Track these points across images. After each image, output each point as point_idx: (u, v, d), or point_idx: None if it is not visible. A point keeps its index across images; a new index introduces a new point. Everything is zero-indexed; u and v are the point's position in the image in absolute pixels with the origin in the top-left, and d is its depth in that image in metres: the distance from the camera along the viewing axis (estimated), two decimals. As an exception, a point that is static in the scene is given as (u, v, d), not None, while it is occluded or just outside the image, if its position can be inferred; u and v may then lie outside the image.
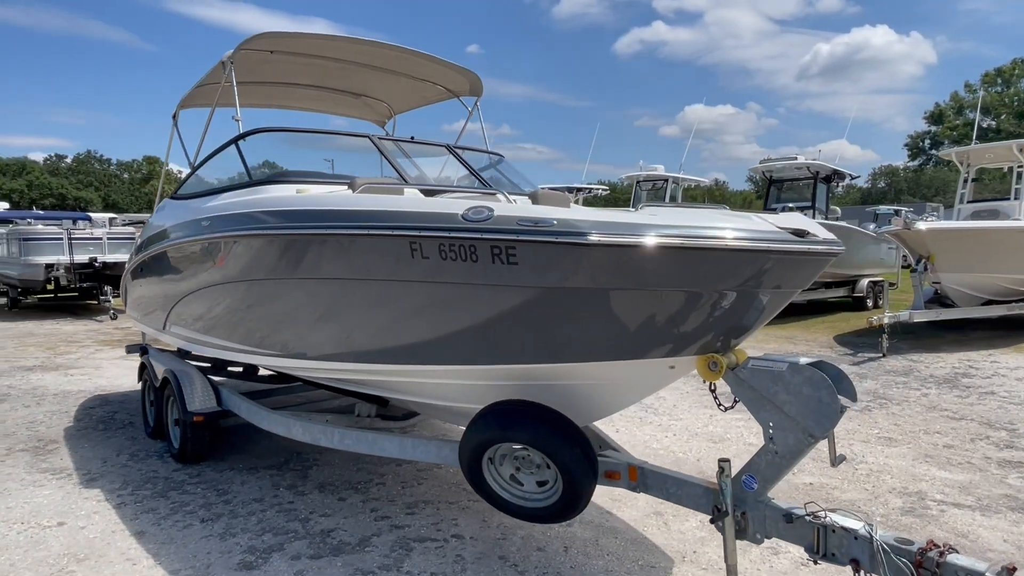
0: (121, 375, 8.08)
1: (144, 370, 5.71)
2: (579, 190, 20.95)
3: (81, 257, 14.38)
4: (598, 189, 22.01)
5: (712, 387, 2.75)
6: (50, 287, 15.32)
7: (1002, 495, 4.17)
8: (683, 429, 5.62)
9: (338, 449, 3.85)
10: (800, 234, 2.36)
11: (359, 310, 3.16)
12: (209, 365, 5.47)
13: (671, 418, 5.94)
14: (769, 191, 14.33)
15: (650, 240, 2.26)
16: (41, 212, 23.52)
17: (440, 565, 3.34)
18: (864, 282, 13.56)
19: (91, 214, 24.02)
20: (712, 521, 2.64)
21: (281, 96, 5.99)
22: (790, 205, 12.69)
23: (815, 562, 2.47)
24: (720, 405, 2.78)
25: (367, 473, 4.60)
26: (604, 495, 4.01)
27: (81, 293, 15.42)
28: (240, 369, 5.60)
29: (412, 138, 4.53)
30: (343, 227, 2.89)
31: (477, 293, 2.63)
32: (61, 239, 14.53)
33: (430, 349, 3.05)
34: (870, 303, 13.67)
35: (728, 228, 2.29)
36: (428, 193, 3.74)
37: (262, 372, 5.54)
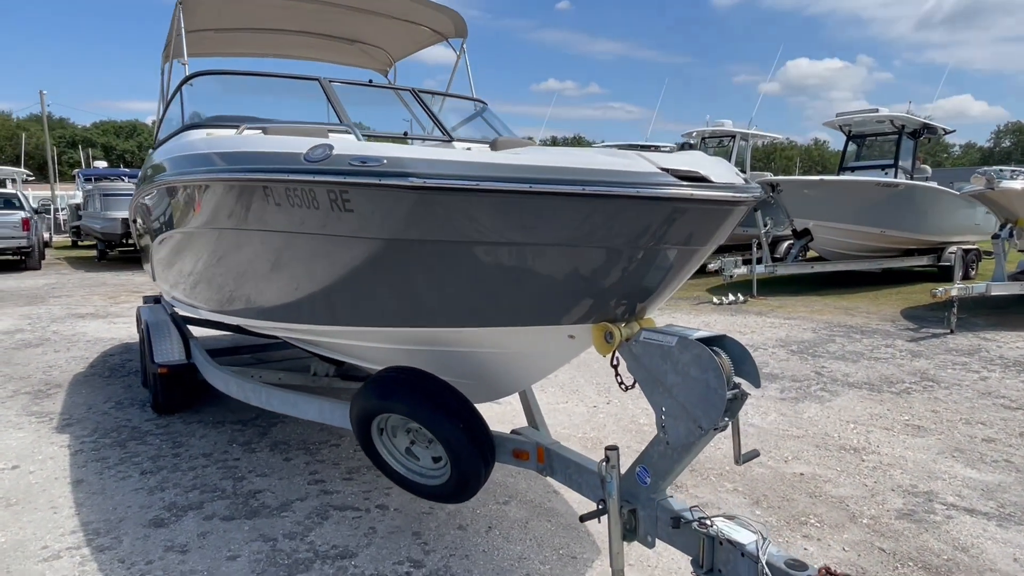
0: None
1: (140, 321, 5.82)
2: (644, 148, 19.93)
3: None
4: (665, 147, 20.88)
5: (613, 362, 2.33)
6: (129, 240, 16.29)
7: (1034, 503, 3.50)
8: (682, 404, 5.12)
9: (267, 409, 3.71)
10: (690, 177, 1.88)
11: (242, 263, 2.93)
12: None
13: (673, 392, 5.45)
14: (846, 148, 12.98)
15: (485, 185, 1.86)
16: (127, 170, 25.01)
17: (347, 537, 3.13)
18: (953, 250, 12.11)
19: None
20: (583, 518, 2.26)
21: (272, 44, 5.79)
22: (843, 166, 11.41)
23: (699, 577, 2.05)
24: (621, 384, 2.36)
25: (327, 434, 4.46)
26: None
27: (156, 246, 16.27)
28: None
29: (370, 81, 4.23)
30: (209, 172, 2.65)
31: (328, 245, 2.32)
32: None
33: (318, 307, 2.78)
34: (961, 273, 12.21)
35: (588, 169, 1.85)
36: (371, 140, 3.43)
37: None
